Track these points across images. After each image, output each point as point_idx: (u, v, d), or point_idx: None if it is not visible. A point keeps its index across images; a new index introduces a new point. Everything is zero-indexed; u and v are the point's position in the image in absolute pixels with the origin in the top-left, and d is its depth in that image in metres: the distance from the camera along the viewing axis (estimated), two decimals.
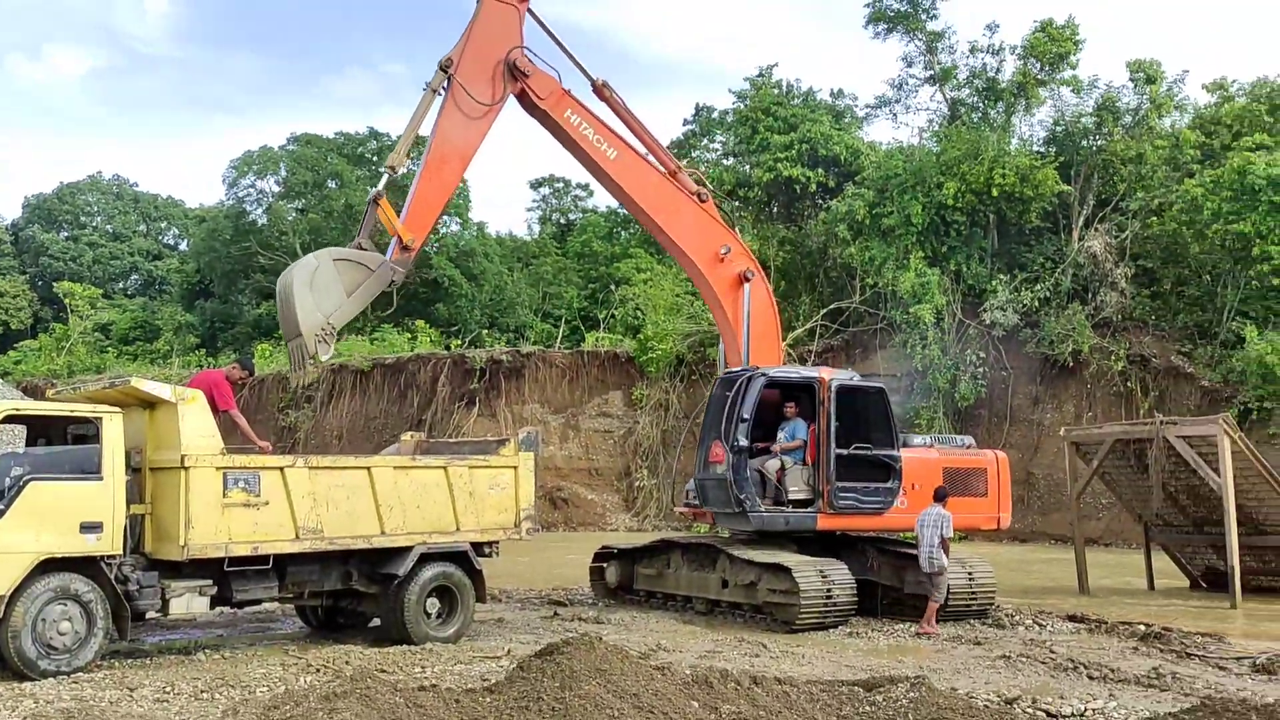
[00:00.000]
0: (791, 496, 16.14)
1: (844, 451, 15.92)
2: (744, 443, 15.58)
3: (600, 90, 16.65)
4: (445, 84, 15.25)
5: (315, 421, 42.53)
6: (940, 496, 15.48)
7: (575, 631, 13.64)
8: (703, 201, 16.99)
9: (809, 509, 15.97)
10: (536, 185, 60.52)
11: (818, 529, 16.00)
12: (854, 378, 16.89)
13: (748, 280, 16.98)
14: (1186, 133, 34.39)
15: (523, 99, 15.85)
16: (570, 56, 16.28)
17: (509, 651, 12.58)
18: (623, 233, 58.20)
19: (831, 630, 14.97)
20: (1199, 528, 20.39)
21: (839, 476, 15.83)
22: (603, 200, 60.38)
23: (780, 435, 16.50)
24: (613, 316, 45.03)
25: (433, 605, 13.43)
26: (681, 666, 10.38)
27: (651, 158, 16.90)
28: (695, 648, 13.30)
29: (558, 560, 24.08)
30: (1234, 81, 36.02)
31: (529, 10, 15.88)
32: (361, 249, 14.88)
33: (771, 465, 16.17)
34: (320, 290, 13.99)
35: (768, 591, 15.19)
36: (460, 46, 15.34)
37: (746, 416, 15.57)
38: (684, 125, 48.99)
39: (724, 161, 46.32)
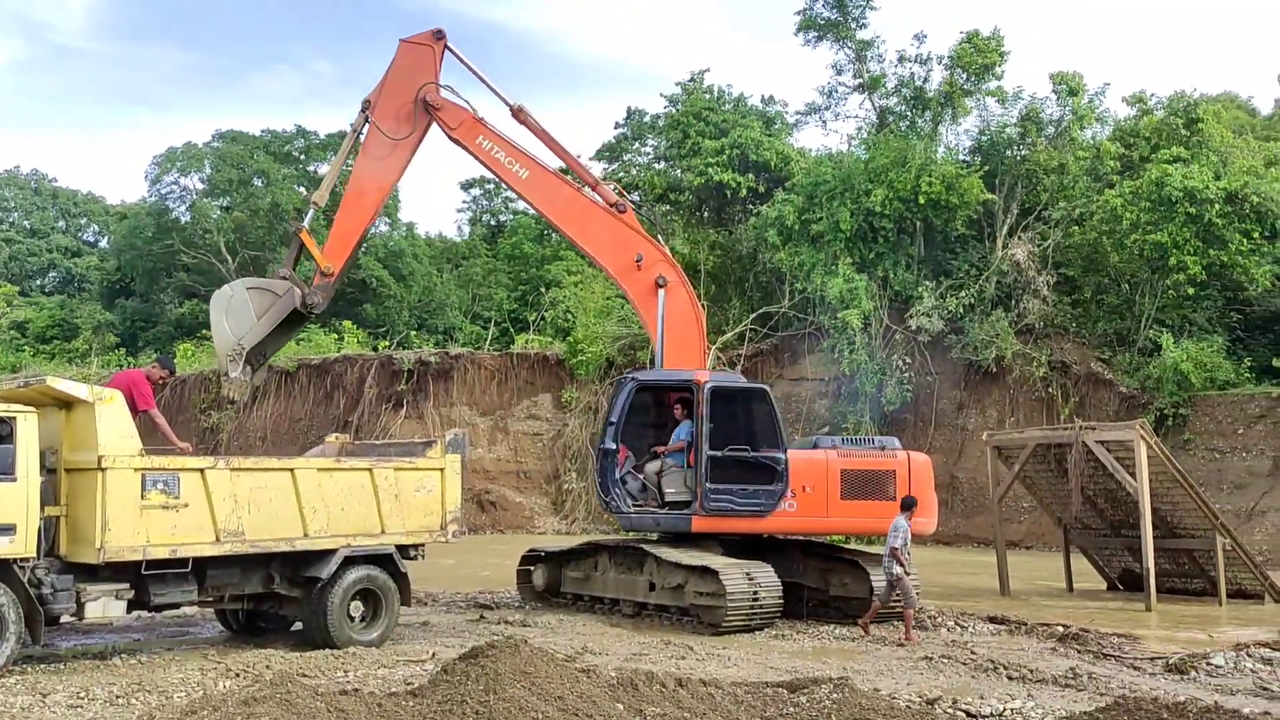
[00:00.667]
0: (669, 499, 16.46)
1: (717, 453, 16.07)
2: (610, 446, 16.49)
3: (517, 115, 17.49)
4: (365, 122, 16.79)
5: (238, 423, 41.87)
6: (906, 506, 15.61)
7: (501, 634, 13.56)
8: (621, 212, 17.33)
9: (686, 511, 16.19)
10: (467, 186, 60.11)
11: (692, 531, 16.20)
12: (735, 380, 16.82)
13: (661, 286, 17.07)
14: (1107, 144, 35.08)
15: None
16: (489, 85, 17.32)
17: (433, 655, 12.49)
18: (553, 235, 58.02)
19: (757, 632, 15.07)
20: (1116, 531, 20.83)
21: (713, 478, 15.99)
22: None
23: (673, 438, 16.77)
24: (543, 319, 44.87)
25: (356, 608, 13.29)
26: (607, 669, 10.36)
27: (571, 173, 17.72)
28: (622, 650, 13.30)
29: (484, 563, 23.95)
30: (1152, 95, 36.82)
31: (447, 47, 17.00)
32: (283, 278, 16.18)
33: (651, 468, 16.65)
34: (234, 315, 15.72)
35: (695, 594, 15.25)
36: (378, 87, 16.88)
37: (614, 420, 16.54)
38: (615, 128, 48.93)
39: (655, 165, 46.40)
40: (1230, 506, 27.95)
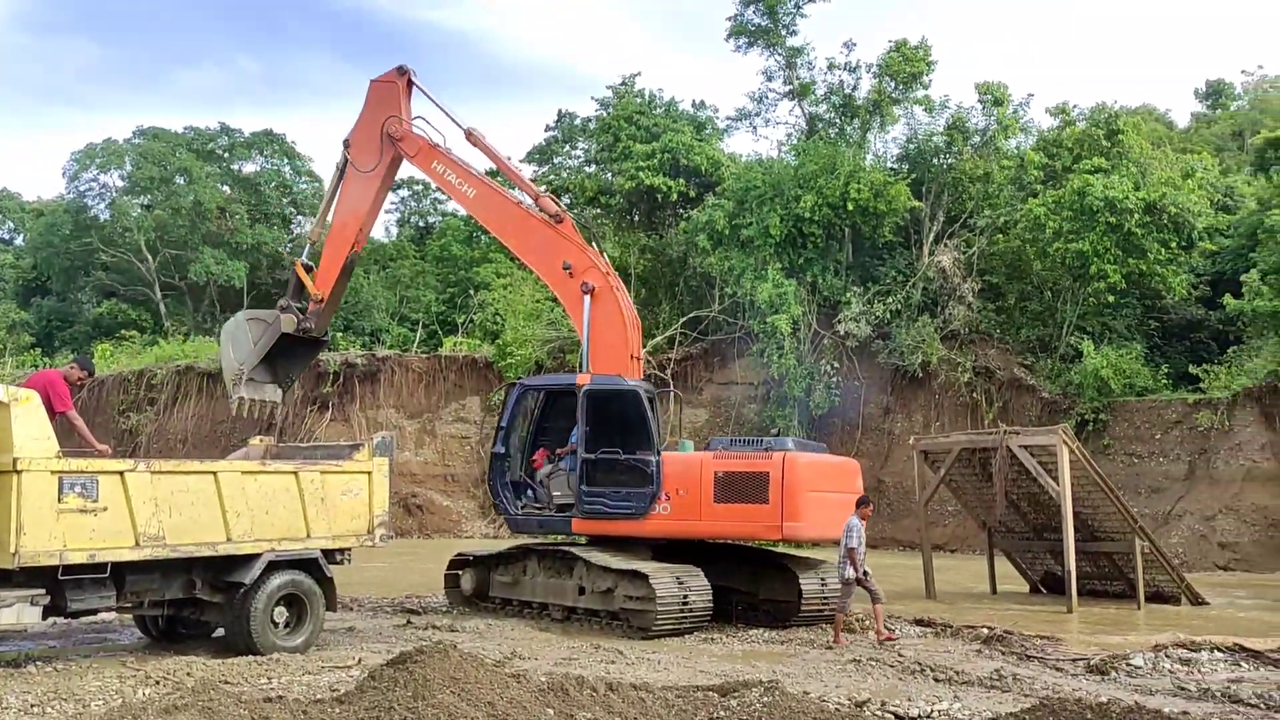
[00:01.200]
0: (557, 501, 16.70)
1: (591, 456, 16.24)
2: (499, 450, 17.28)
3: (469, 136, 18.48)
4: (346, 160, 18.50)
5: (158, 425, 41.08)
6: (859, 504, 15.60)
7: (429, 640, 13.37)
8: (558, 222, 17.54)
9: (569, 513, 16.41)
10: (395, 188, 59.49)
11: (573, 533, 16.55)
12: (614, 382, 16.67)
13: (587, 292, 17.10)
14: (1030, 154, 35.72)
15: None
16: (444, 111, 18.52)
17: (360, 661, 12.29)
18: (483, 237, 57.63)
19: (687, 636, 15.06)
20: (1039, 534, 21.16)
21: (588, 481, 16.17)
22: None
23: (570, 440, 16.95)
24: (471, 321, 44.60)
25: (280, 614, 13.03)
26: (537, 674, 10.27)
27: (517, 188, 18.66)
28: (551, 655, 13.21)
29: (411, 567, 23.68)
30: (1075, 106, 37.60)
31: (411, 80, 18.41)
32: (282, 308, 18.18)
33: (543, 471, 16.93)
34: (235, 343, 17.91)
35: (624, 598, 15.20)
36: (355, 124, 18.62)
37: (503, 425, 17.42)
38: (546, 131, 48.85)
39: (586, 169, 46.36)
40: (1148, 510, 28.58)
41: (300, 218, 58.02)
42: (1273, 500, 28.36)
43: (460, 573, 17.85)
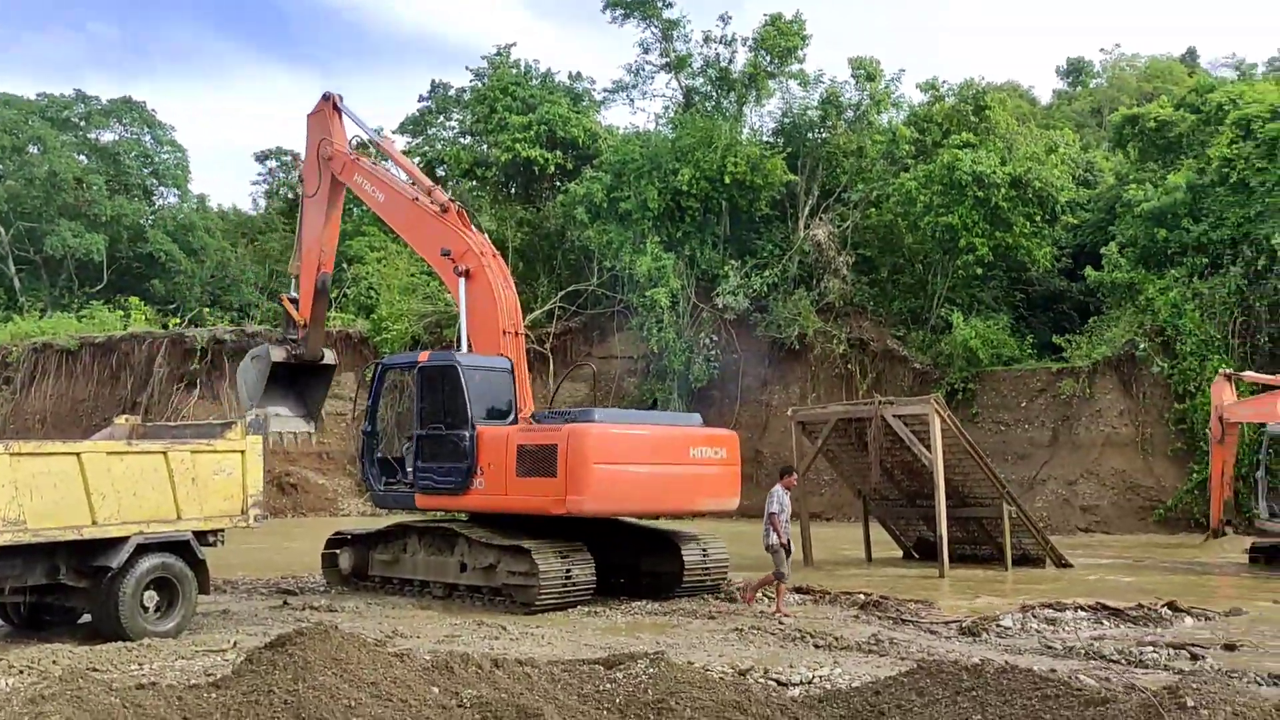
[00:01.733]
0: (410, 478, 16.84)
1: (421, 432, 16.42)
2: (367, 428, 17.59)
3: (374, 143, 20.04)
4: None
5: (15, 405, 39.45)
6: (783, 473, 15.97)
7: (307, 621, 13.13)
8: (444, 212, 17.83)
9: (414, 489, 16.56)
10: (262, 158, 57.84)
11: (416, 507, 16.81)
12: (448, 359, 16.63)
13: (461, 275, 17.15)
14: (902, 129, 36.36)
15: None
16: (357, 123, 19.58)
17: (235, 644, 11.97)
18: (355, 209, 56.57)
19: (571, 610, 15.04)
20: (912, 501, 21.70)
21: (420, 456, 16.34)
22: None
23: None
24: (345, 296, 43.71)
25: (150, 598, 12.62)
26: (421, 652, 10.13)
27: (416, 187, 18.94)
28: (434, 633, 13.07)
29: (286, 547, 23.20)
30: (944, 82, 38.34)
31: (336, 104, 19.29)
32: (279, 340, 19.60)
33: (407, 447, 17.09)
34: (246, 383, 18.91)
35: (507, 574, 15.13)
36: (304, 158, 19.90)
37: (369, 403, 17.76)
38: (420, 101, 48.03)
39: (461, 140, 45.73)
40: (1015, 476, 29.51)
41: (163, 189, 56.15)
42: (1129, 464, 29.55)
43: (338, 552, 17.57)
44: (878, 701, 8.42)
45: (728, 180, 34.58)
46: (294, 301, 19.29)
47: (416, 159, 50.60)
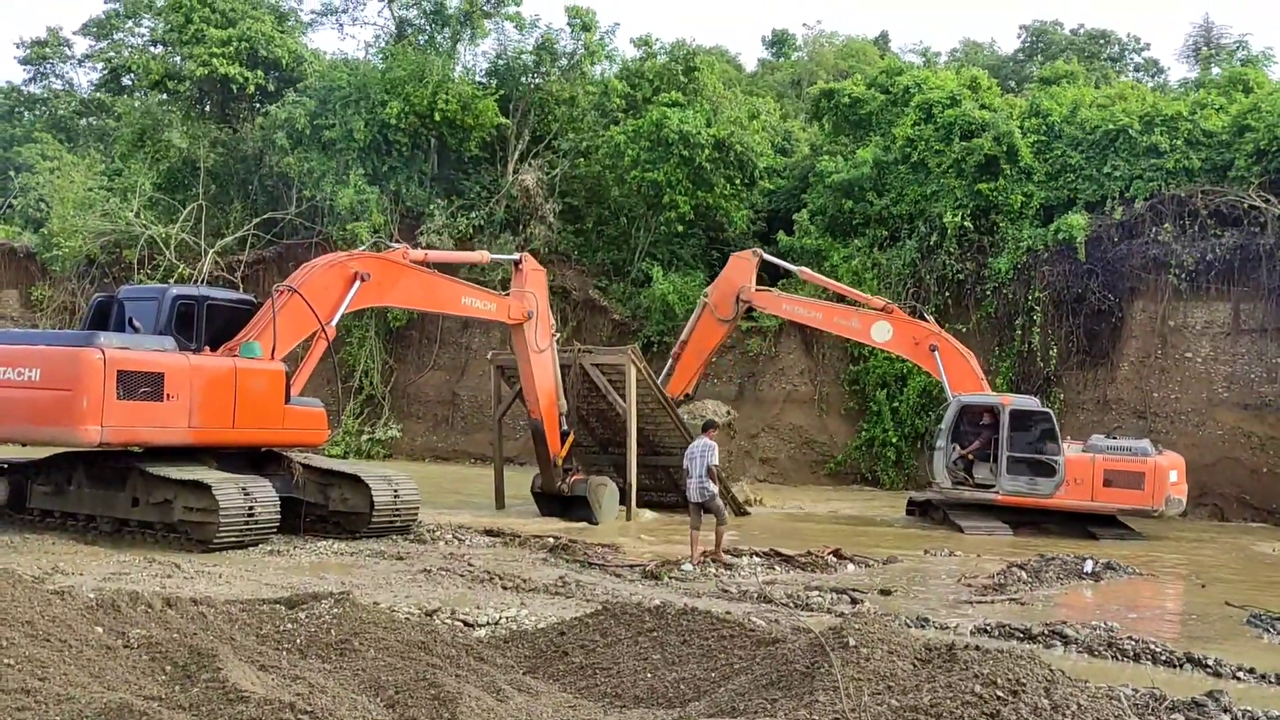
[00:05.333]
0: None
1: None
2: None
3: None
4: None
5: None
6: (706, 428, 15.75)
7: None
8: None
9: None
10: None
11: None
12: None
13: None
14: (614, 82, 36.75)
15: None
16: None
17: None
18: (26, 114, 51.95)
19: (251, 549, 14.50)
20: (604, 449, 22.15)
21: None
22: (3, 74, 53.34)
23: None
24: (10, 207, 40.11)
25: None
26: (84, 590, 9.48)
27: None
28: (99, 570, 12.29)
29: None
30: (657, 40, 38.98)
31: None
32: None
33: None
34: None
35: (184, 509, 14.39)
36: None
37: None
38: (106, 3, 44.51)
39: (152, 49, 42.67)
40: None
41: None
42: (807, 420, 31.34)
43: None
44: (562, 642, 8.57)
45: (438, 118, 33.96)
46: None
47: (100, 64, 46.99)
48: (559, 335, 22.57)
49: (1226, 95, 29.31)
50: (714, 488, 15.47)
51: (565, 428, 20.74)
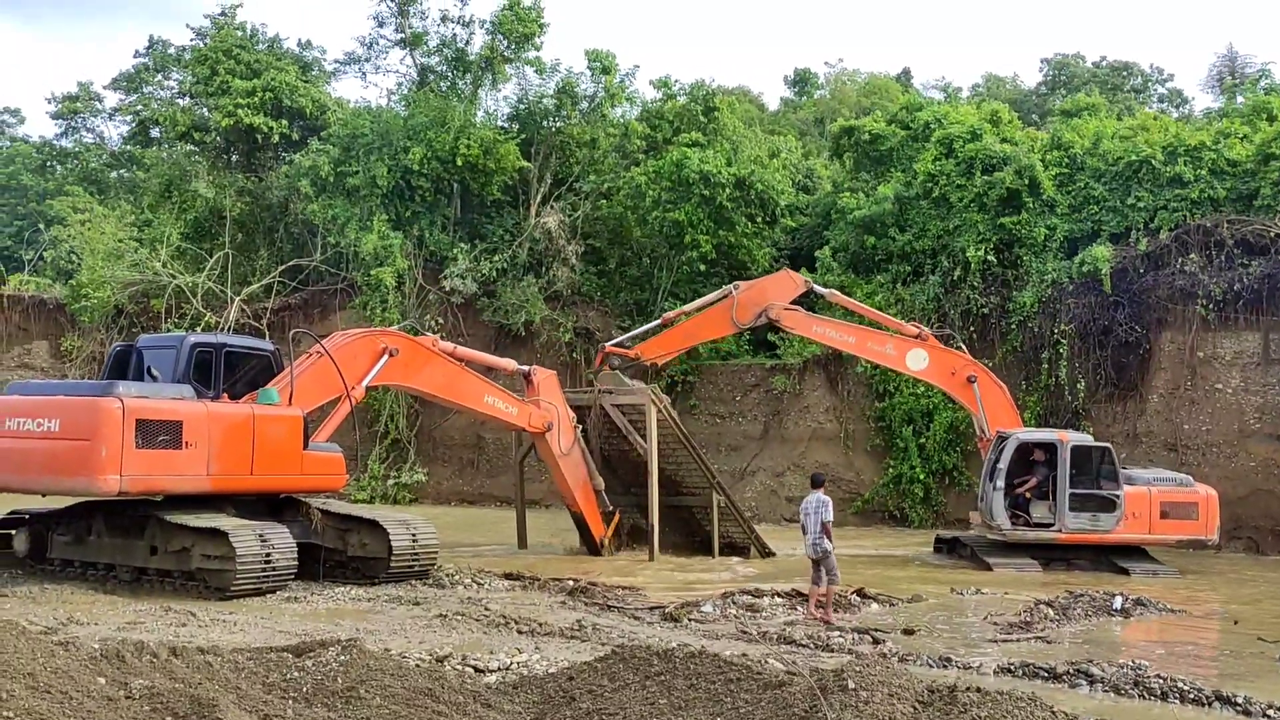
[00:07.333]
0: None
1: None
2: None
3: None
4: None
5: None
6: (818, 483, 15.26)
7: None
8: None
9: None
10: None
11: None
12: (182, 338, 16.21)
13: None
14: (634, 124, 36.86)
15: None
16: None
17: None
18: (58, 167, 52.72)
19: (269, 595, 14.45)
20: (627, 489, 22.03)
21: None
22: (36, 129, 54.25)
23: None
24: (42, 259, 40.61)
25: None
26: (90, 640, 9.44)
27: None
28: (114, 619, 12.26)
29: None
30: (676, 81, 39.09)
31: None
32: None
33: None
34: None
35: (201, 557, 14.38)
36: None
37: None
38: (135, 57, 45.24)
39: (180, 101, 43.27)
40: (727, 467, 30.51)
41: None
42: (833, 457, 31.07)
43: (13, 532, 16.25)
44: (570, 687, 8.45)
45: (460, 162, 34.16)
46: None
47: (130, 117, 47.69)
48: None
49: (1250, 124, 29.05)
50: (829, 545, 14.78)
51: (608, 507, 20.52)
